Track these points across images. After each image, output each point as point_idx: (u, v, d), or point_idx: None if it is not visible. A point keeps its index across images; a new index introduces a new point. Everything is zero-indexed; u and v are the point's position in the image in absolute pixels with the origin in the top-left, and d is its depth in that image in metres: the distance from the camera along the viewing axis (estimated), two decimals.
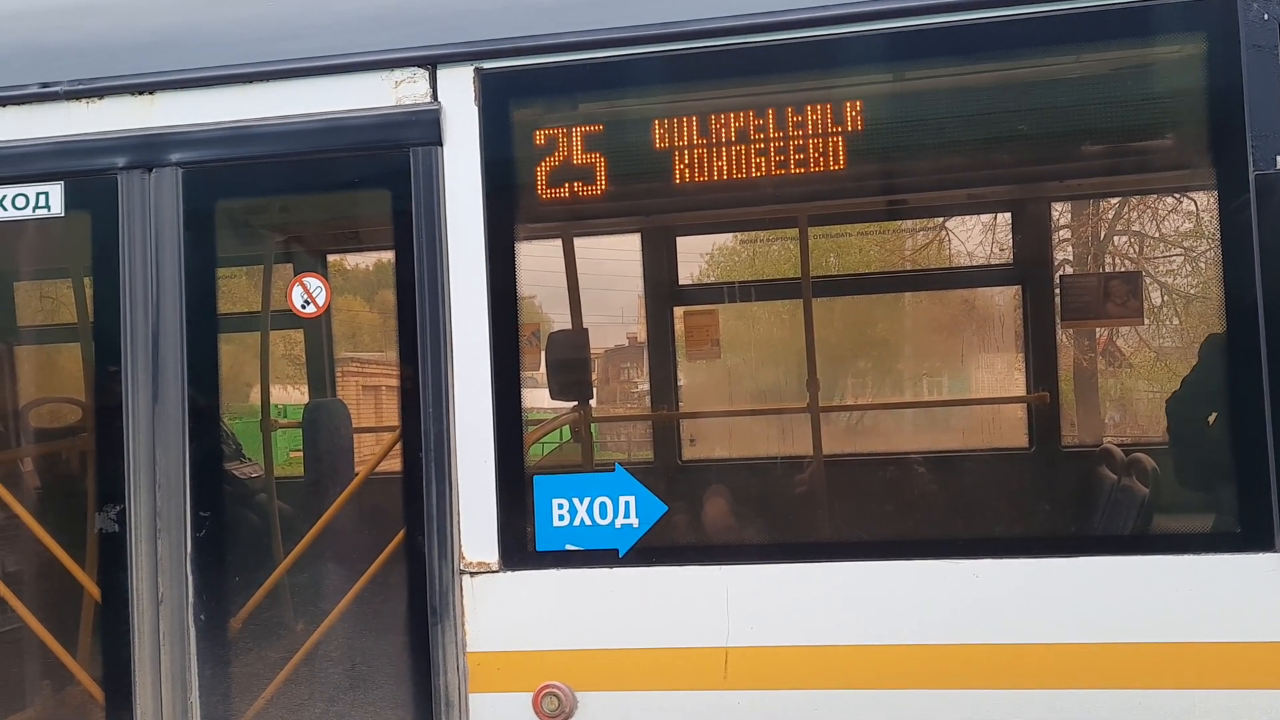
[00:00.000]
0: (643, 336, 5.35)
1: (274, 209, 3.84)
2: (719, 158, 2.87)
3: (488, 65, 2.98)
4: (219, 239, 3.20)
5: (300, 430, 4.81)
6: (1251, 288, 2.63)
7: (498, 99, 2.98)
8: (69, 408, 4.29)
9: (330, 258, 5.59)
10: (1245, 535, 2.64)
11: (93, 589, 3.27)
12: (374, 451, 3.74)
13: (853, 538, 3.60)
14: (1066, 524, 4.20)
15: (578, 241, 4.52)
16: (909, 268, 9.95)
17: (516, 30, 2.98)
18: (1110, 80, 2.88)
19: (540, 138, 2.95)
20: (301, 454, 4.91)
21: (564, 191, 2.94)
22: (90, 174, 3.15)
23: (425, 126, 2.99)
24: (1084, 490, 4.36)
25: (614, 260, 5.40)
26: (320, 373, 5.43)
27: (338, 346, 5.79)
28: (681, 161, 2.89)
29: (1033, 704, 2.70)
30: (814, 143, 2.83)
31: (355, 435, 4.95)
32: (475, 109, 2.98)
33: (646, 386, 5.45)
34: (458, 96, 2.99)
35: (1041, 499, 4.66)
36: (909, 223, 8.66)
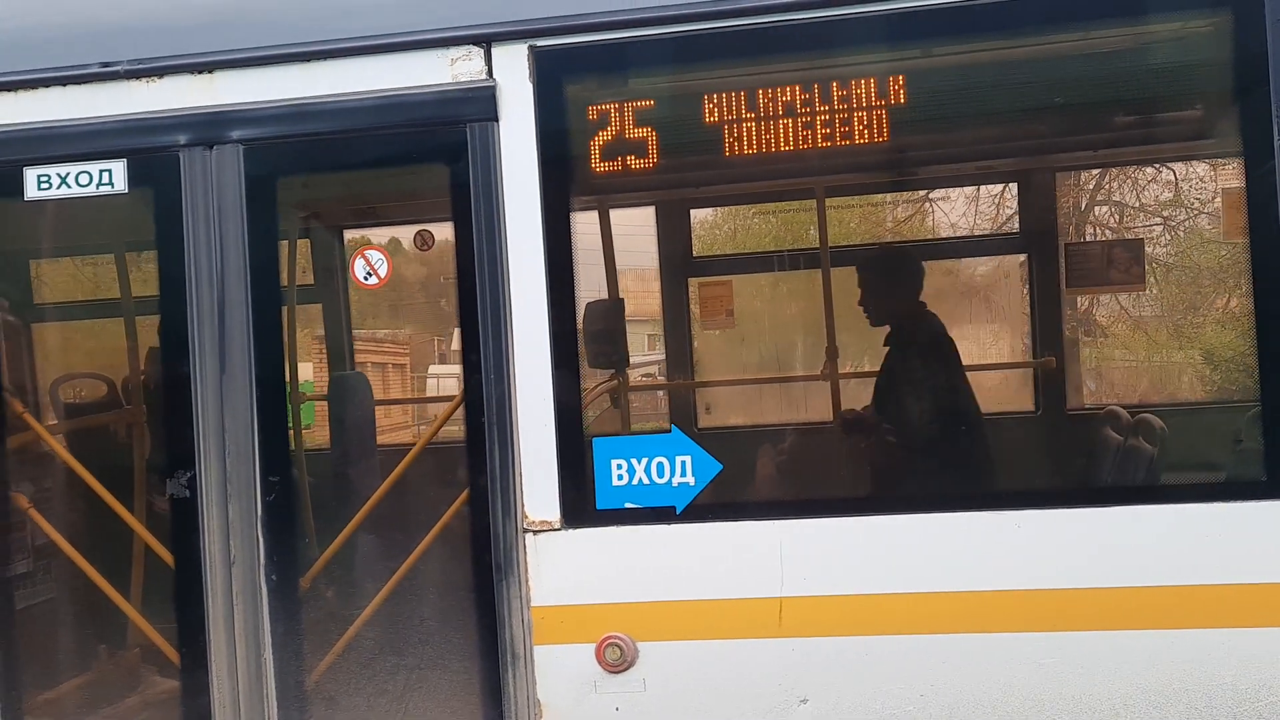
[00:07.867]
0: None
1: (334, 185, 3.92)
2: (767, 131, 2.99)
3: (541, 43, 3.08)
4: (280, 214, 3.28)
5: (322, 404, 4.92)
6: (1275, 251, 2.79)
7: (551, 76, 3.08)
8: (134, 381, 4.38)
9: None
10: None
11: (164, 553, 3.38)
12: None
13: (900, 493, 3.74)
14: (1085, 478, 4.36)
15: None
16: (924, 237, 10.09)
17: (568, 9, 3.08)
18: (1137, 52, 3.03)
19: (593, 113, 3.05)
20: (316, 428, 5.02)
21: (617, 165, 3.05)
22: (152, 151, 3.23)
23: (481, 103, 3.09)
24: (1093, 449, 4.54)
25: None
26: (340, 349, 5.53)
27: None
28: (731, 135, 3.01)
29: (1073, 645, 2.87)
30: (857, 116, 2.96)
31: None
32: (530, 85, 3.08)
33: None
34: (512, 73, 3.09)
35: (1063, 456, 4.83)
36: (925, 193, 8.78)
